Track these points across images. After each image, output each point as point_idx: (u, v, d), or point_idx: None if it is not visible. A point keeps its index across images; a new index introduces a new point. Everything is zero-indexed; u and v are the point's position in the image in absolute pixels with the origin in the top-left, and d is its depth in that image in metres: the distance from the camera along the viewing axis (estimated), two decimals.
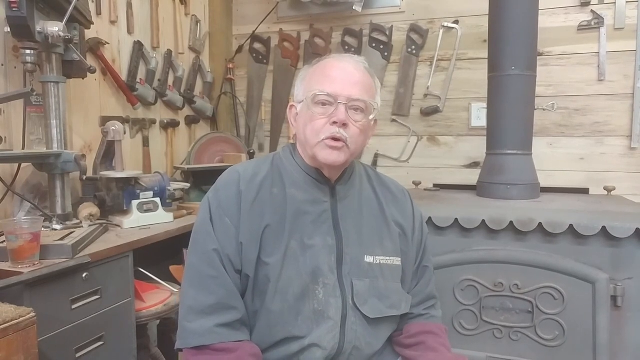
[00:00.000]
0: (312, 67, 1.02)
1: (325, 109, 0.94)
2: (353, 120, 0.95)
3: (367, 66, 1.00)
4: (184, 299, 0.94)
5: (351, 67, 0.97)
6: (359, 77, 0.96)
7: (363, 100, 0.95)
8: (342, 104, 0.93)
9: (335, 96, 0.93)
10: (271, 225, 0.95)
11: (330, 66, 0.98)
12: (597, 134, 2.09)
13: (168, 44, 2.24)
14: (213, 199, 0.98)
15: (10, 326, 0.87)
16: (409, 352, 1.04)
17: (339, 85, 0.94)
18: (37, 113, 1.49)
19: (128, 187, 1.57)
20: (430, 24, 2.30)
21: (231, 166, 1.05)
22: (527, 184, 1.73)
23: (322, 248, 0.96)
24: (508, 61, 1.71)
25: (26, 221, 1.11)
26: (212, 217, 0.96)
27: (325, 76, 0.96)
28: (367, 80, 0.98)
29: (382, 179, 1.14)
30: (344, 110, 0.93)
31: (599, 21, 2.04)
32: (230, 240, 0.94)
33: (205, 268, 0.93)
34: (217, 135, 2.30)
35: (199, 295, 0.92)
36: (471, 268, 1.52)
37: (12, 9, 1.20)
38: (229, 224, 0.94)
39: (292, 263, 0.94)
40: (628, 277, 1.40)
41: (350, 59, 0.99)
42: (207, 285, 0.92)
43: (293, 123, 1.04)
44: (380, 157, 2.40)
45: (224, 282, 0.92)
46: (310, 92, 0.96)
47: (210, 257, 0.93)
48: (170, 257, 1.70)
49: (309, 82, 0.99)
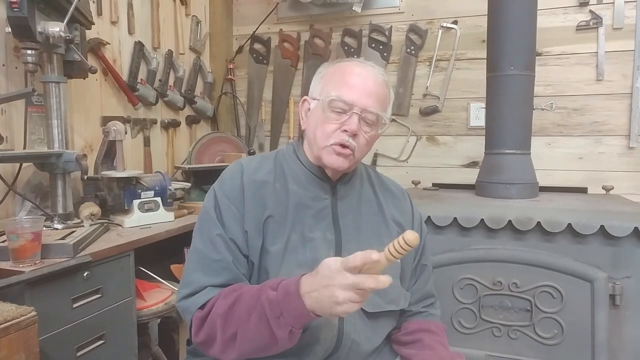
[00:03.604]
0: (332, 66, 1.02)
1: (339, 116, 0.96)
2: (363, 130, 0.96)
3: (386, 78, 1.01)
4: (186, 281, 0.94)
5: (371, 77, 0.98)
6: (377, 88, 0.97)
7: (376, 113, 0.96)
8: (356, 114, 0.94)
9: (351, 104, 0.95)
10: (273, 217, 0.97)
11: (350, 71, 0.98)
12: (596, 133, 2.09)
13: (169, 44, 2.25)
14: (219, 190, 0.99)
15: (12, 325, 0.88)
16: (406, 350, 1.04)
17: (357, 94, 0.95)
18: (38, 113, 1.49)
19: (129, 187, 1.58)
20: (429, 25, 2.30)
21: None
22: (525, 183, 1.73)
23: (321, 242, 0.97)
24: (507, 61, 1.72)
25: (27, 220, 1.12)
26: (219, 205, 0.97)
27: (344, 81, 0.97)
28: (383, 92, 0.99)
29: (382, 180, 1.16)
30: (357, 121, 0.95)
31: (598, 21, 2.04)
32: (237, 227, 0.95)
33: (211, 252, 0.94)
34: (217, 135, 2.30)
35: (204, 278, 0.92)
36: (470, 267, 1.53)
37: (13, 9, 1.21)
38: (235, 212, 0.96)
39: (292, 254, 0.95)
40: (626, 276, 1.40)
41: (371, 69, 1.00)
42: (213, 269, 0.93)
43: (304, 117, 1.05)
44: (380, 157, 2.41)
45: (229, 265, 0.93)
46: (327, 96, 0.96)
47: (215, 242, 0.94)
48: (171, 256, 1.71)
49: (327, 82, 1.00)
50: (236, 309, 0.85)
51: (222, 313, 0.86)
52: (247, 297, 0.85)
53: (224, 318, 0.86)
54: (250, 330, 0.83)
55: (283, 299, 0.79)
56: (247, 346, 0.85)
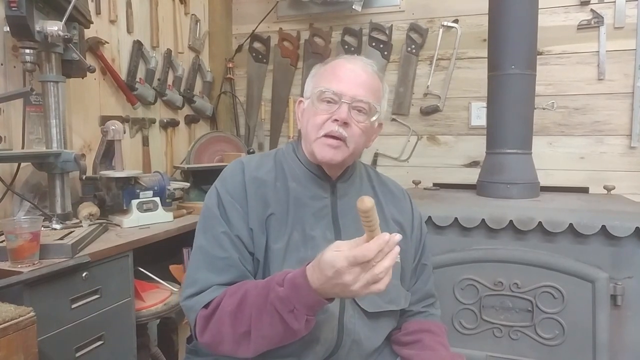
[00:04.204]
0: (323, 66, 1.03)
1: (329, 106, 0.96)
2: (355, 120, 0.96)
3: (377, 70, 1.02)
4: (191, 280, 0.93)
5: (360, 68, 0.98)
6: (366, 78, 0.98)
7: (367, 102, 0.96)
8: (346, 103, 0.94)
9: (340, 95, 0.95)
10: (275, 214, 0.97)
11: (339, 66, 0.99)
12: (597, 133, 2.09)
13: (167, 43, 2.24)
14: (221, 187, 0.99)
15: (10, 325, 0.87)
16: (406, 351, 1.04)
17: (345, 85, 0.95)
18: (36, 112, 1.49)
19: (128, 187, 1.57)
20: (430, 23, 2.30)
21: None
22: (526, 183, 1.73)
23: (322, 241, 0.97)
24: (508, 60, 1.71)
25: (26, 220, 1.11)
26: (222, 203, 0.96)
27: (333, 75, 0.98)
28: (374, 83, 0.99)
29: (382, 179, 1.15)
30: (347, 109, 0.94)
31: (599, 20, 2.04)
32: (242, 224, 0.94)
33: (217, 250, 0.93)
34: (216, 134, 2.29)
35: (210, 276, 0.92)
36: (471, 267, 1.52)
37: (12, 9, 1.20)
38: (239, 209, 0.95)
39: (293, 253, 0.95)
40: (628, 276, 1.40)
41: (360, 61, 1.00)
42: (219, 267, 0.92)
43: (299, 117, 1.05)
44: (380, 157, 2.40)
45: (235, 263, 0.92)
46: (316, 89, 0.97)
47: (220, 240, 0.93)
48: (170, 257, 1.70)
49: (318, 79, 1.01)
50: (244, 307, 0.84)
51: (231, 311, 0.85)
52: (253, 295, 0.84)
53: (233, 316, 0.85)
54: (264, 328, 0.82)
55: (292, 293, 0.78)
56: (263, 342, 0.84)
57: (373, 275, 0.72)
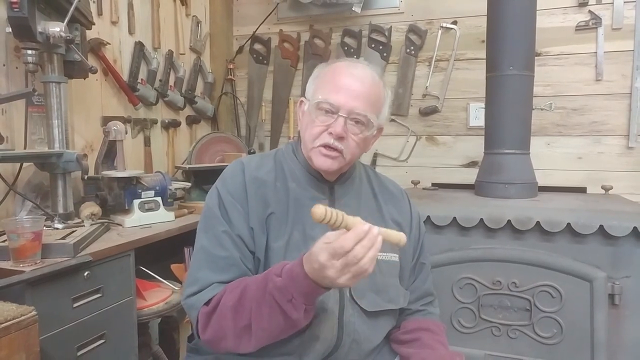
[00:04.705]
0: (326, 67, 1.02)
1: (326, 117, 0.95)
2: (351, 133, 0.96)
3: (378, 77, 1.00)
4: (193, 279, 0.94)
5: (361, 78, 0.96)
6: (366, 89, 0.96)
7: (364, 115, 0.95)
8: (342, 117, 0.94)
9: (337, 107, 0.94)
10: (275, 214, 0.97)
11: (340, 72, 0.97)
12: (595, 133, 2.10)
13: (169, 44, 2.25)
14: (222, 187, 1.00)
15: (12, 324, 0.88)
16: (405, 349, 1.05)
17: (343, 97, 0.94)
18: (38, 113, 1.49)
19: (129, 187, 1.58)
20: (429, 25, 2.31)
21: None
22: (525, 183, 1.74)
23: None
24: (506, 61, 1.72)
25: (28, 220, 1.12)
26: (223, 203, 0.97)
27: (334, 83, 0.96)
28: (374, 93, 0.97)
29: (381, 179, 1.16)
30: (343, 124, 0.94)
31: (597, 21, 2.05)
32: (243, 224, 0.95)
33: (218, 250, 0.94)
34: (217, 135, 2.30)
35: (211, 275, 0.93)
36: (469, 266, 1.53)
37: (14, 10, 1.21)
38: (240, 209, 0.96)
39: (294, 252, 0.95)
40: (625, 276, 1.41)
41: (362, 69, 0.98)
42: (220, 266, 0.93)
43: (300, 117, 1.05)
44: (379, 157, 2.41)
45: (237, 262, 0.93)
46: (315, 98, 0.97)
47: (221, 239, 0.94)
48: (172, 256, 1.71)
49: (319, 84, 1.00)
50: (245, 301, 0.85)
51: (232, 305, 0.86)
52: (253, 288, 0.86)
53: (234, 310, 0.86)
54: (264, 320, 0.83)
55: (290, 282, 0.80)
56: (264, 335, 0.85)
57: (358, 268, 0.74)
